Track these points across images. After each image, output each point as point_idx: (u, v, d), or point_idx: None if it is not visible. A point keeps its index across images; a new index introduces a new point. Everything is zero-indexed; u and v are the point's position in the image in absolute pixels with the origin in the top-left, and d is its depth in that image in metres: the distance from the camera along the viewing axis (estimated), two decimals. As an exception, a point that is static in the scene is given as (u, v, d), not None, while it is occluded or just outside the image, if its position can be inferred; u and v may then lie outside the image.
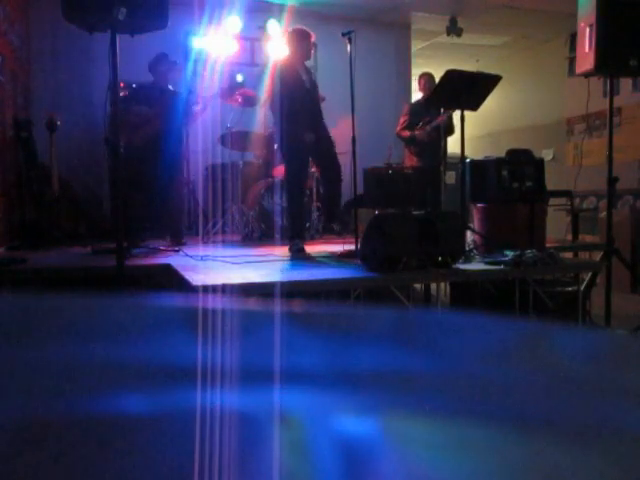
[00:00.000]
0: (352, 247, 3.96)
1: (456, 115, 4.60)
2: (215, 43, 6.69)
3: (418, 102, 6.00)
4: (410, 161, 6.02)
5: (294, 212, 4.45)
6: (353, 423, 0.40)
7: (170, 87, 5.18)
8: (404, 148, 6.21)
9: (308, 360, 0.44)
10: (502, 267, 3.42)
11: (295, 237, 4.26)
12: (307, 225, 5.39)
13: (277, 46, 7.01)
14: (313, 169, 5.27)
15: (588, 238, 6.49)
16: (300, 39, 4.49)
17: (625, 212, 6.41)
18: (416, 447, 0.38)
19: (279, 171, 5.57)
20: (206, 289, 2.61)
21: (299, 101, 4.32)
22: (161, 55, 5.11)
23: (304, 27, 4.59)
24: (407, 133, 5.88)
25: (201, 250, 4.10)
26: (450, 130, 5.55)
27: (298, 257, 4.00)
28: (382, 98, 7.52)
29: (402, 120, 5.96)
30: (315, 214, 5.17)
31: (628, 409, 0.41)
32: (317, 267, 3.50)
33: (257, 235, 5.36)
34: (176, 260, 3.65)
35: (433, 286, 4.15)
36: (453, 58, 8.65)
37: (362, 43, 4.39)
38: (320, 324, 0.50)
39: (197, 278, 2.87)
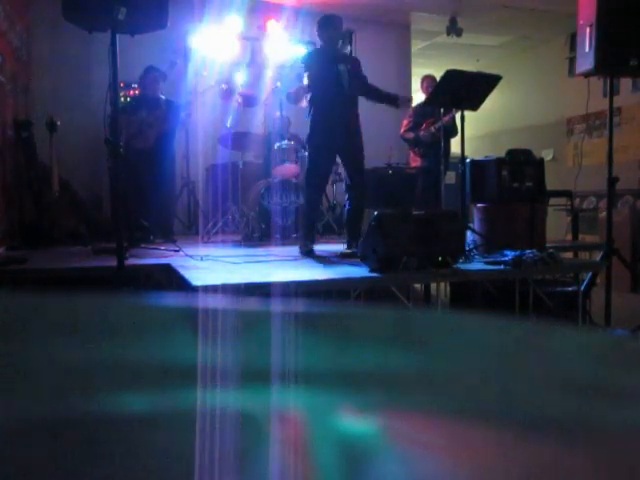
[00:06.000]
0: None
1: (456, 115, 4.60)
2: (215, 43, 6.69)
3: (421, 104, 5.97)
4: (415, 162, 6.01)
5: (305, 212, 4.36)
6: (354, 423, 0.40)
7: (162, 96, 5.50)
8: (409, 150, 6.19)
9: (308, 360, 0.44)
10: (502, 267, 3.42)
11: (305, 238, 4.16)
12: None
13: (277, 46, 7.02)
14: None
15: (588, 238, 6.49)
16: (323, 29, 4.19)
17: (625, 212, 6.41)
18: (416, 447, 0.38)
19: (279, 171, 5.56)
20: (206, 289, 2.61)
21: (320, 92, 4.10)
22: (147, 68, 5.47)
23: (328, 14, 4.26)
24: (411, 135, 5.86)
25: (201, 250, 4.09)
26: (454, 131, 5.51)
27: (306, 257, 3.95)
28: (382, 98, 7.50)
29: (406, 122, 5.93)
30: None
31: (627, 409, 0.41)
32: (317, 267, 3.49)
33: (257, 235, 5.36)
34: (176, 260, 3.64)
35: (433, 286, 4.15)
36: (453, 58, 8.64)
37: (362, 43, 4.38)
38: (320, 324, 0.50)
39: (197, 278, 2.87)
